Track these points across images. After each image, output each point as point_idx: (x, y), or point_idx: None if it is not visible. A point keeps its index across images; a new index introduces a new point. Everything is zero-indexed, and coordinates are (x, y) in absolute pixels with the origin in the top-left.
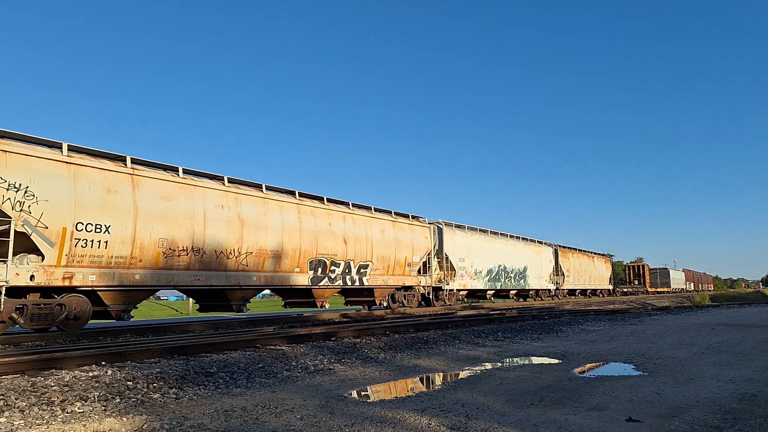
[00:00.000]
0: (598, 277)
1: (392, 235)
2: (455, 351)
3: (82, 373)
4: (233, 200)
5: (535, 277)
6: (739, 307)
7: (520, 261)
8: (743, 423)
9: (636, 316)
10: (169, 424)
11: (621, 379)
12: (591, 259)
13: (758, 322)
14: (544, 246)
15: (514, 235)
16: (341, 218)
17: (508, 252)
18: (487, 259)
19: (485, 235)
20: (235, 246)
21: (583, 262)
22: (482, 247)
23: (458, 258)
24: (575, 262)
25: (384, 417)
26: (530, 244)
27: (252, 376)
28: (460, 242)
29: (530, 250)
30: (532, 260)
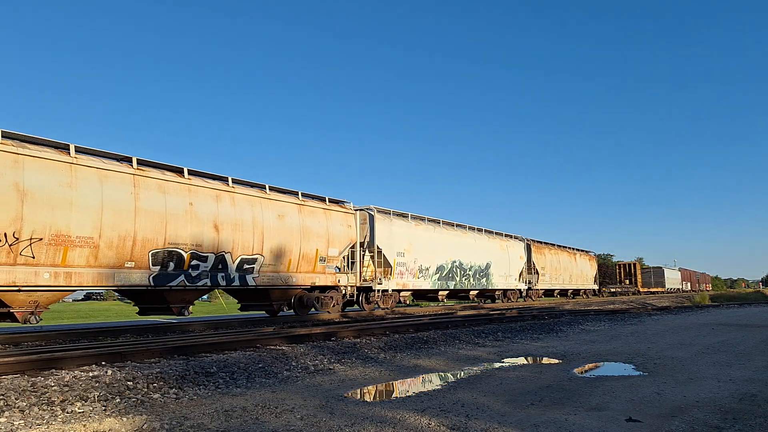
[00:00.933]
0: (581, 275)
1: (296, 222)
2: (455, 351)
3: (82, 373)
4: (9, 164)
5: (501, 276)
6: (739, 307)
7: (481, 257)
8: (743, 423)
9: (636, 316)
10: (169, 424)
11: (621, 379)
12: (572, 255)
13: (758, 322)
14: (513, 240)
15: (475, 227)
16: (211, 197)
17: (465, 246)
18: (437, 254)
19: (435, 226)
20: (8, 230)
21: (562, 260)
22: (430, 239)
23: (396, 252)
24: (552, 258)
25: (384, 417)
26: (495, 237)
27: (252, 376)
28: (399, 233)
29: (495, 245)
30: (498, 256)
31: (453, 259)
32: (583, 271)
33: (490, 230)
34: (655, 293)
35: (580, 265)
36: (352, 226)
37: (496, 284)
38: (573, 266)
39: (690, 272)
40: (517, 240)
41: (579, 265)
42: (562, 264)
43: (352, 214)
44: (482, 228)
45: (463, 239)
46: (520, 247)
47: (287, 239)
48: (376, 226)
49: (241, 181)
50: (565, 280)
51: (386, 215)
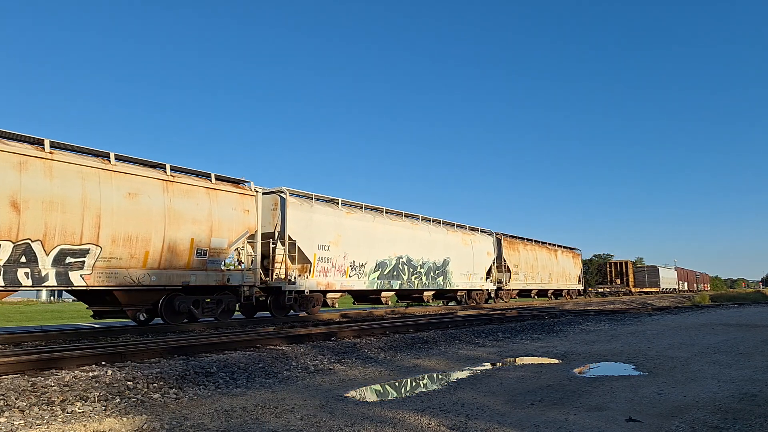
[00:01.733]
0: (562, 274)
1: (159, 203)
2: (455, 351)
3: (82, 373)
4: None
5: (463, 274)
6: (739, 307)
7: (437, 252)
8: (743, 423)
9: (636, 316)
10: (169, 424)
11: (621, 379)
12: (552, 252)
13: (758, 322)
14: (479, 234)
15: (430, 218)
16: (10, 165)
17: (416, 240)
18: (377, 249)
19: (375, 216)
20: None
21: (540, 257)
22: (368, 231)
23: (318, 245)
24: (528, 255)
25: (384, 417)
26: (456, 230)
27: (252, 376)
28: (322, 222)
29: (455, 239)
30: (459, 252)
31: (399, 255)
32: (566, 270)
33: (450, 222)
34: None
35: (562, 263)
36: (250, 211)
37: (457, 284)
38: (553, 264)
39: (687, 271)
40: (485, 234)
41: (561, 262)
42: (540, 261)
43: (252, 196)
44: (440, 219)
45: (414, 232)
46: (487, 242)
47: (142, 225)
48: (288, 213)
49: (67, 146)
50: (543, 279)
51: (304, 200)
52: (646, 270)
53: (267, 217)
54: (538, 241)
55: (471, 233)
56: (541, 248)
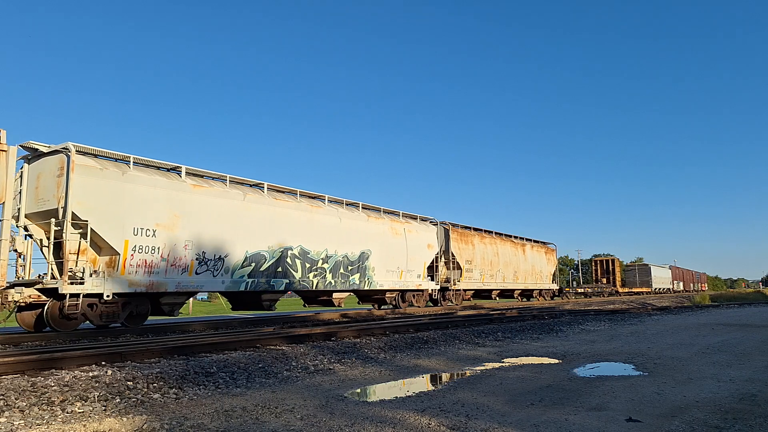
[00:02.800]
0: (532, 272)
1: None
2: (455, 351)
3: (82, 373)
4: None
5: (392, 271)
6: (739, 307)
7: (350, 243)
8: (743, 423)
9: (636, 316)
10: (169, 424)
11: (621, 379)
12: (518, 247)
13: (758, 322)
14: (416, 223)
15: (340, 200)
16: None
17: (315, 226)
18: (250, 236)
19: (244, 193)
20: None
21: (503, 252)
22: (230, 212)
23: (135, 228)
24: (486, 250)
25: (384, 417)
26: (381, 217)
27: (252, 376)
28: (145, 197)
29: (379, 227)
30: (386, 243)
31: (287, 246)
32: (536, 267)
33: (374, 207)
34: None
35: (532, 260)
36: None
37: (381, 282)
38: (519, 260)
39: (683, 271)
40: (425, 223)
41: (530, 259)
42: (503, 257)
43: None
44: (358, 203)
45: (314, 216)
46: (428, 232)
47: None
48: (75, 181)
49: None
50: (507, 277)
51: (111, 164)
52: (637, 269)
53: (48, 186)
54: (500, 233)
55: (404, 221)
56: (503, 242)
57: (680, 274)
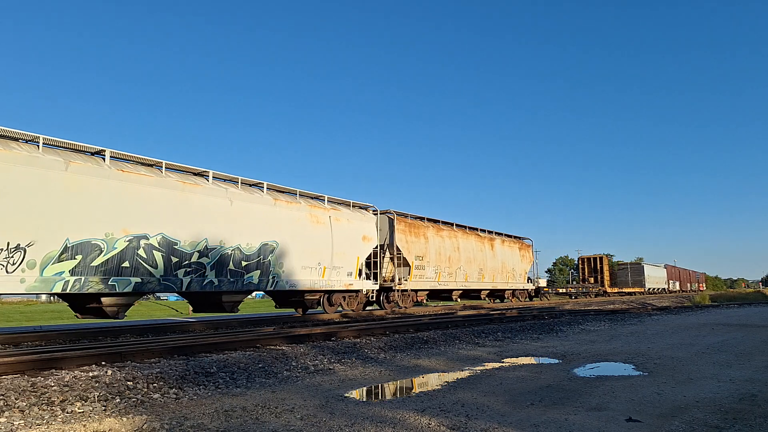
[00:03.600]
0: (502, 270)
1: None
2: (455, 351)
3: (82, 373)
4: None
5: (310, 268)
6: (739, 307)
7: (245, 233)
8: (743, 423)
9: (636, 316)
10: (169, 424)
11: (621, 379)
12: (485, 242)
13: (758, 322)
14: (347, 210)
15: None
16: None
17: (191, 209)
18: (71, 222)
19: (66, 162)
20: None
21: (465, 246)
22: (49, 187)
23: None
24: (443, 244)
25: (384, 417)
26: (297, 201)
27: (252, 376)
28: None
29: (294, 214)
30: (302, 234)
31: (138, 233)
32: (507, 265)
33: (288, 189)
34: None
35: (502, 256)
36: None
37: (292, 282)
38: (486, 257)
39: (679, 270)
40: (360, 211)
41: (499, 255)
42: (465, 253)
43: None
44: (263, 183)
45: (188, 196)
46: (365, 222)
47: None
48: None
49: None
50: (471, 276)
51: None
52: (629, 267)
53: None
54: (462, 225)
55: (330, 207)
56: (466, 235)
57: (676, 274)
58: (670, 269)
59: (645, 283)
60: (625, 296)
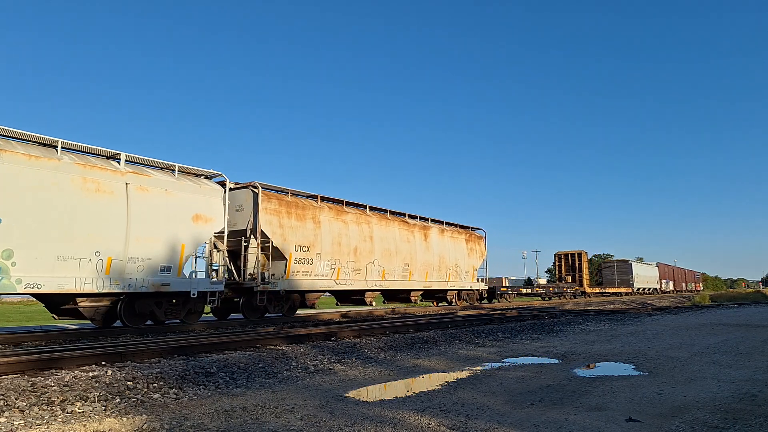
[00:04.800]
0: (440, 267)
1: None
2: (455, 351)
3: (82, 373)
4: None
5: (68, 260)
6: (739, 307)
7: None
8: (743, 423)
9: (636, 316)
10: (169, 424)
11: (621, 379)
12: (416, 231)
13: (758, 322)
14: (162, 177)
15: None
16: None
17: None
18: None
19: None
20: None
21: (384, 235)
22: None
23: None
24: (344, 231)
25: (384, 417)
26: (38, 156)
27: (252, 376)
28: None
29: (30, 177)
30: (71, 212)
31: None
32: (447, 260)
33: (45, 140)
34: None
35: (440, 249)
36: None
37: (31, 283)
38: (416, 249)
39: (673, 269)
40: (188, 179)
41: (435, 248)
42: (383, 244)
43: None
44: None
45: None
46: (201, 195)
47: None
48: None
49: None
50: (392, 272)
51: None
52: (615, 266)
53: None
54: (378, 209)
55: (132, 171)
56: (385, 221)
57: (670, 273)
58: (662, 268)
59: (633, 282)
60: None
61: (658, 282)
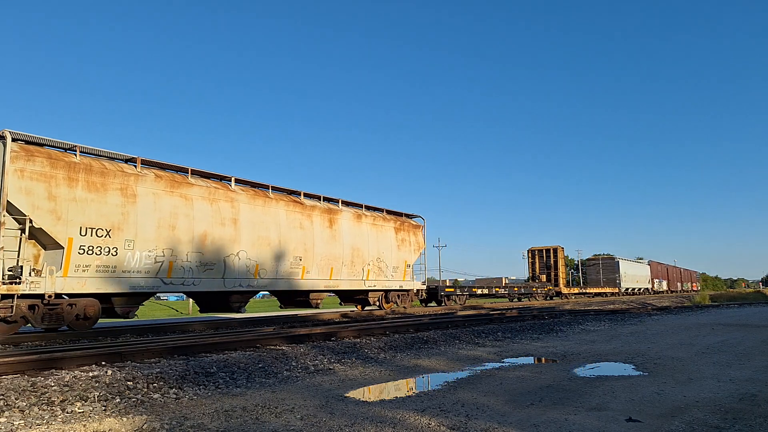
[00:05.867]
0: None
1: None
2: (455, 351)
3: (82, 373)
4: None
5: None
6: (739, 307)
7: None
8: (743, 423)
9: (636, 316)
10: (169, 424)
11: (621, 379)
12: (318, 215)
13: (758, 322)
14: None
15: None
16: None
17: None
18: None
19: None
20: None
21: (258, 219)
22: None
23: None
24: (184, 210)
25: (384, 417)
26: None
27: (252, 376)
28: None
29: None
30: None
31: None
32: (366, 253)
33: None
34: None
35: (354, 239)
36: None
37: None
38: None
39: (667, 267)
40: None
41: (347, 238)
42: (256, 230)
43: None
44: None
45: None
46: None
47: None
48: None
49: None
50: (272, 268)
51: None
52: (600, 263)
53: None
54: (249, 182)
55: None
56: (262, 200)
57: (663, 272)
58: (655, 266)
59: (620, 281)
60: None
61: (650, 281)
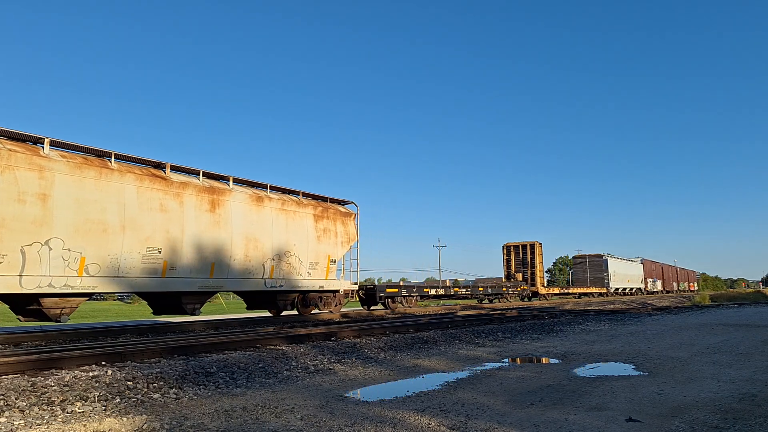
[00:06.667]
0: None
1: None
2: (455, 351)
3: (82, 373)
4: None
5: None
6: (739, 307)
7: None
8: (743, 423)
9: (636, 316)
10: (169, 424)
11: (621, 379)
12: (188, 194)
13: (758, 322)
14: None
15: None
16: None
17: None
18: None
19: None
20: None
21: (85, 197)
22: None
23: None
24: None
25: (384, 417)
26: None
27: (252, 376)
28: None
29: None
30: None
31: None
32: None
33: None
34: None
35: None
36: None
37: None
38: (185, 224)
39: (662, 266)
40: None
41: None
42: (80, 211)
43: None
44: None
45: None
46: None
47: None
48: None
49: None
50: (110, 263)
51: None
52: (587, 261)
53: None
54: (79, 147)
55: None
56: (94, 173)
57: (657, 271)
58: (648, 265)
59: (609, 281)
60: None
61: (643, 281)
